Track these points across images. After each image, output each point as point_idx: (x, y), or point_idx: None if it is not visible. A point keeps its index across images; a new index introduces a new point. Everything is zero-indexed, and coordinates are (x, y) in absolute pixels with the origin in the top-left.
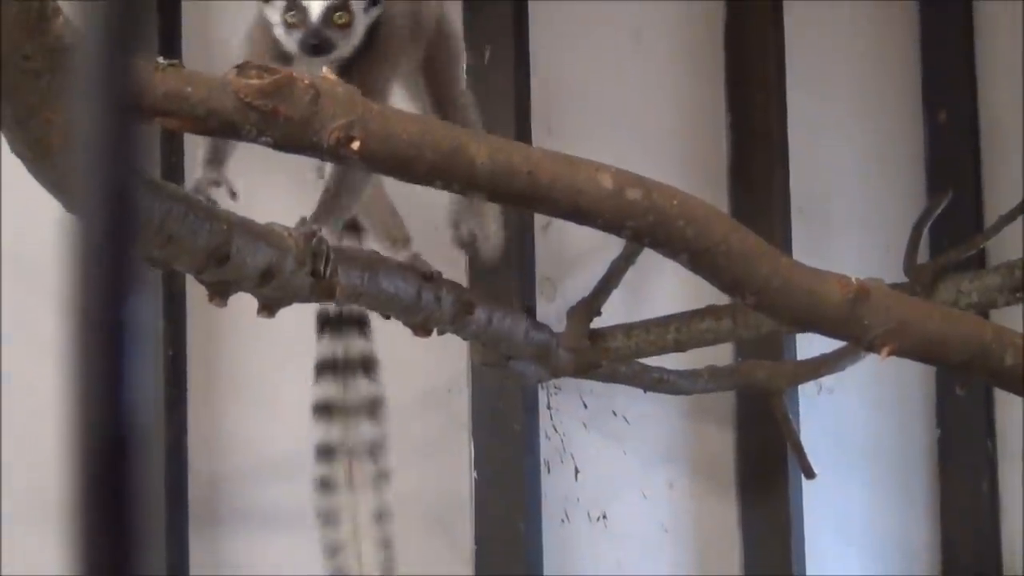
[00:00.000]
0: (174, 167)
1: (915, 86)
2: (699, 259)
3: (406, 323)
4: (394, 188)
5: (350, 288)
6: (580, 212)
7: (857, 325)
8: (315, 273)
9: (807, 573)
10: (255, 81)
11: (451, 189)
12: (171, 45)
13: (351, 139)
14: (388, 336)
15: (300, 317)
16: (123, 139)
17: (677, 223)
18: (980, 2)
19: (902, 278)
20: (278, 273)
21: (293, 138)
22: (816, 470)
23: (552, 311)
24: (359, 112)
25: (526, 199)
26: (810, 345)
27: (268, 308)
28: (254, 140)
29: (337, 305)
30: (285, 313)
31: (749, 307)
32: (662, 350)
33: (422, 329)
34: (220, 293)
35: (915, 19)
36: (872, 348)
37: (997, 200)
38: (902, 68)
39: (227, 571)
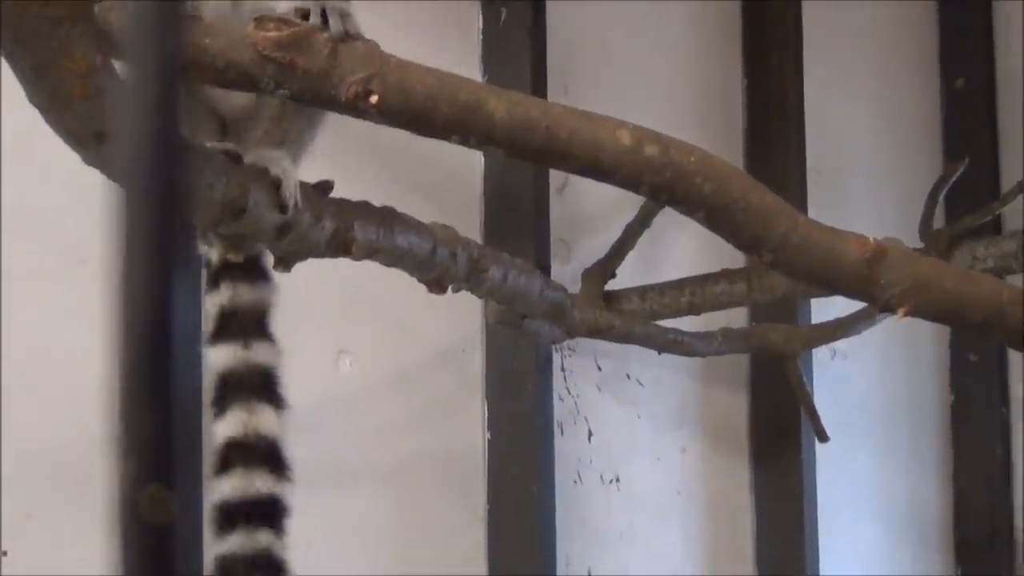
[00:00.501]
0: None
1: (932, 52)
2: (717, 216)
3: (420, 279)
4: (405, 143)
5: (366, 243)
6: (598, 168)
7: (874, 284)
8: (282, 208)
9: (819, 537)
10: (273, 33)
11: (468, 144)
12: None
13: (369, 93)
14: (402, 295)
15: (319, 272)
16: (169, 100)
17: (695, 180)
18: None
19: (918, 243)
20: (295, 227)
21: (311, 91)
22: (830, 435)
23: (567, 273)
24: (377, 66)
25: (544, 154)
26: (824, 311)
27: (284, 262)
28: (272, 93)
29: (354, 260)
30: (301, 267)
31: (766, 265)
32: (676, 313)
33: (437, 285)
34: (236, 246)
35: None
36: (888, 307)
37: (1013, 166)
38: (920, 34)
39: None
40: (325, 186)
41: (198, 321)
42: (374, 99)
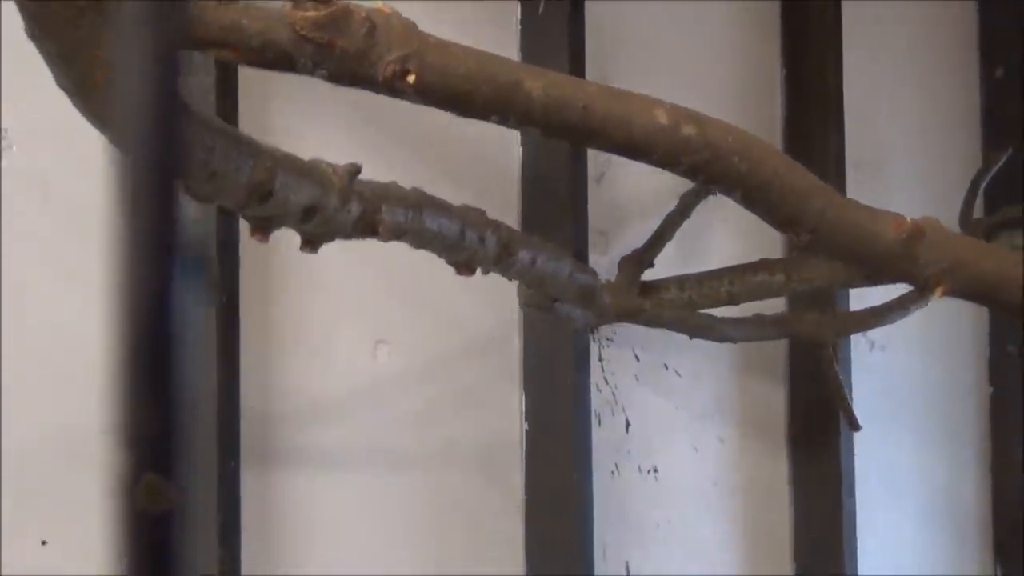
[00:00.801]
0: (229, 108)
1: (972, 41)
2: (754, 195)
3: (449, 261)
4: (441, 132)
5: (393, 225)
6: (634, 147)
7: (911, 263)
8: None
9: (857, 529)
10: (311, 13)
11: (507, 124)
12: None
13: (407, 72)
14: (439, 281)
15: (353, 257)
16: (170, 73)
17: (732, 159)
18: None
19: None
20: (321, 210)
21: (348, 71)
22: (867, 426)
23: (605, 263)
24: (415, 45)
25: (581, 133)
26: (862, 302)
27: (311, 244)
28: (310, 73)
29: (381, 241)
30: (338, 254)
31: (803, 245)
32: (715, 303)
33: (465, 268)
34: (262, 228)
35: None
36: (926, 287)
37: None
38: (959, 23)
39: (277, 512)
40: (353, 169)
41: (200, 309)
42: (412, 79)
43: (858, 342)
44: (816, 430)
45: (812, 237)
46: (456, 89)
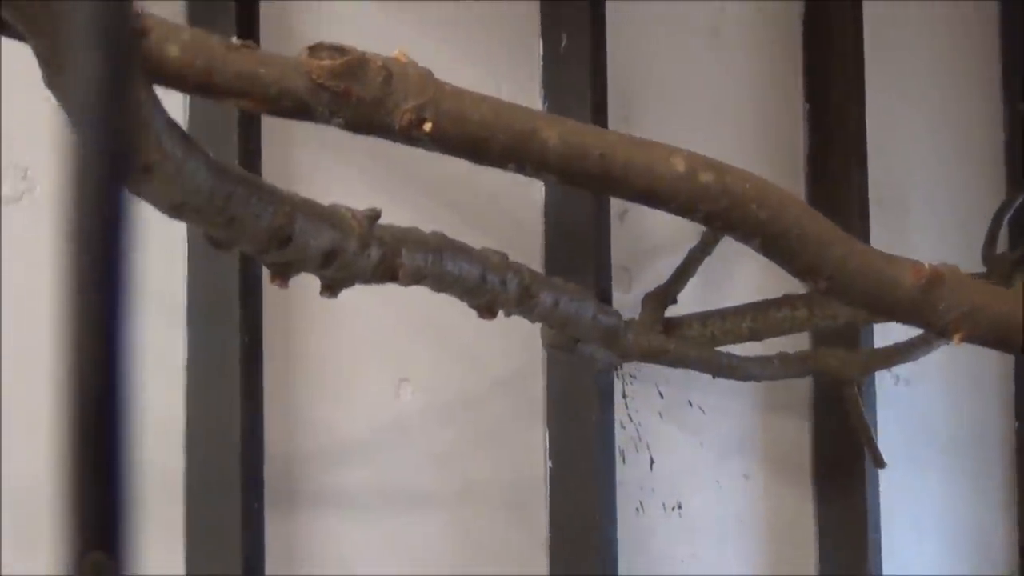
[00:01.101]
0: (251, 153)
1: (995, 76)
2: (772, 243)
3: (471, 304)
4: (462, 170)
5: (413, 269)
6: (653, 195)
7: (930, 310)
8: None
9: (883, 564)
10: (327, 62)
11: (523, 172)
12: (249, 35)
13: (423, 120)
14: (461, 319)
15: (376, 296)
16: (120, 87)
17: (750, 207)
18: None
19: (981, 268)
20: (340, 254)
21: (364, 119)
22: (893, 462)
23: (629, 300)
24: (431, 93)
25: (598, 181)
26: (888, 335)
27: (330, 288)
28: (326, 121)
29: (401, 285)
30: (360, 293)
31: (822, 292)
32: (738, 339)
33: (487, 311)
34: (282, 274)
35: (995, 9)
36: (945, 333)
37: None
38: (981, 58)
39: (302, 552)
40: (372, 213)
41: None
42: (428, 127)
43: (883, 377)
44: (841, 466)
45: (830, 284)
46: (472, 137)
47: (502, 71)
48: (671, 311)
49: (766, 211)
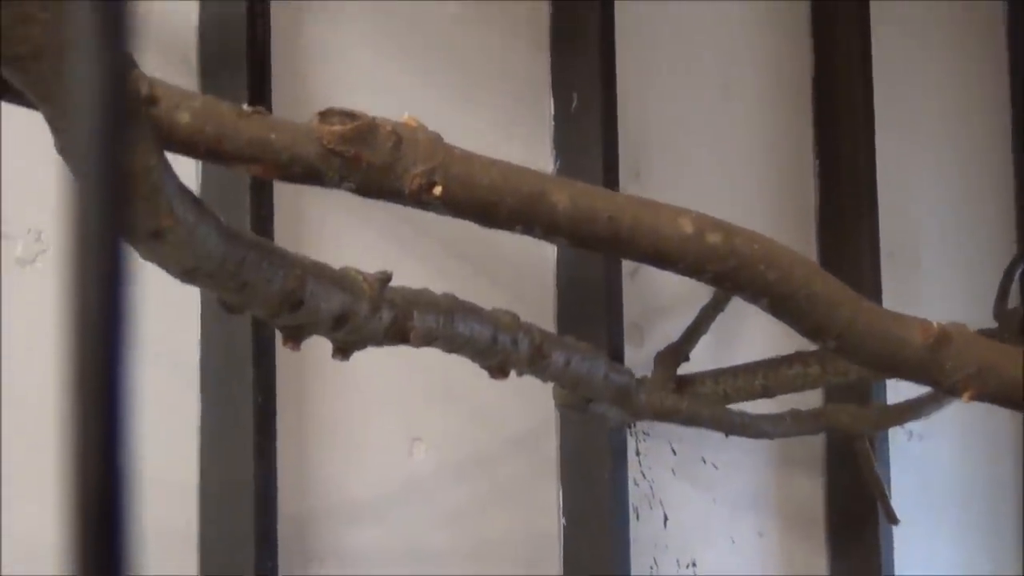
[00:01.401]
0: (263, 216)
1: (1005, 129)
2: (781, 304)
3: (483, 365)
4: (479, 229)
5: (424, 331)
6: (660, 256)
7: (938, 369)
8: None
9: None
10: (338, 127)
11: (533, 234)
12: (260, 101)
13: (432, 184)
14: (473, 378)
15: (388, 355)
16: (116, 146)
17: (758, 267)
18: None
19: (993, 323)
20: (352, 317)
21: (375, 184)
22: (907, 518)
23: (641, 357)
24: (440, 158)
25: (607, 243)
26: (901, 391)
27: (343, 351)
28: (337, 186)
29: (412, 347)
30: (373, 352)
31: (830, 352)
32: (750, 396)
33: (499, 371)
34: (294, 337)
35: (1005, 60)
36: (953, 392)
37: None
38: (993, 110)
39: None
40: (384, 276)
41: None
42: (438, 191)
43: (896, 432)
44: (855, 522)
45: (839, 343)
46: (482, 201)
47: (513, 130)
48: (684, 368)
49: (774, 272)
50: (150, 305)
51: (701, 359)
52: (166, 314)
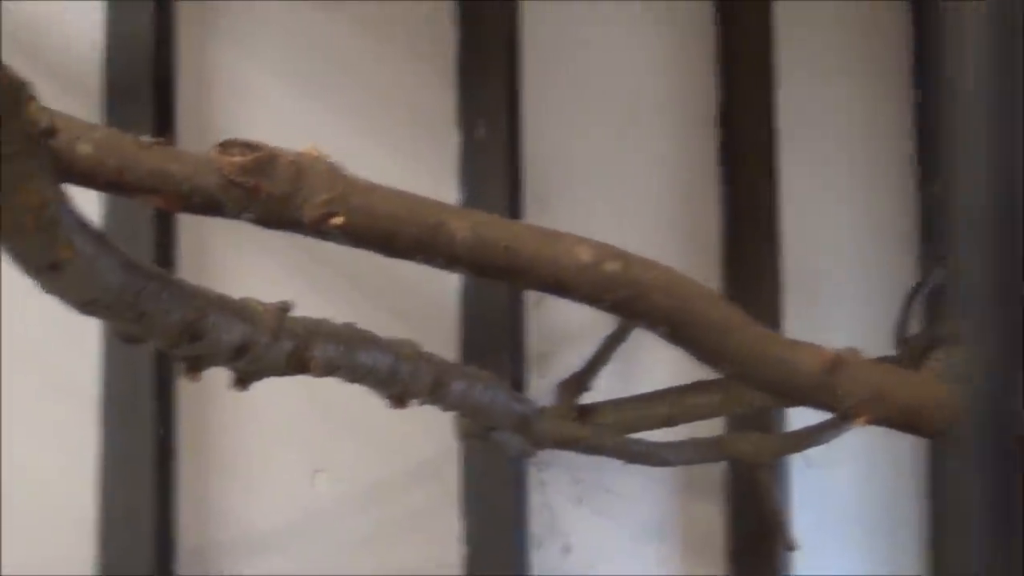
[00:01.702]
0: (166, 249)
1: (908, 160)
2: (677, 332)
3: (383, 395)
4: (383, 259)
5: (325, 361)
6: (559, 285)
7: (831, 394)
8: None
9: None
10: (238, 158)
11: (433, 264)
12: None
13: (332, 215)
14: (375, 408)
15: (289, 386)
16: None
17: (655, 296)
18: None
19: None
20: (252, 347)
21: (274, 215)
22: (808, 544)
23: (544, 386)
24: (340, 188)
25: (506, 273)
26: (805, 420)
27: (242, 382)
28: (237, 217)
29: (313, 376)
30: (274, 384)
31: (729, 378)
32: (653, 425)
33: (399, 401)
34: (194, 368)
35: (909, 89)
36: (848, 417)
37: None
38: (895, 138)
39: None
40: (284, 306)
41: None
42: (338, 221)
43: (795, 460)
44: (756, 549)
45: (734, 369)
46: (382, 231)
47: (419, 160)
48: (588, 397)
49: (672, 300)
50: (50, 335)
51: (606, 389)
52: (66, 345)
